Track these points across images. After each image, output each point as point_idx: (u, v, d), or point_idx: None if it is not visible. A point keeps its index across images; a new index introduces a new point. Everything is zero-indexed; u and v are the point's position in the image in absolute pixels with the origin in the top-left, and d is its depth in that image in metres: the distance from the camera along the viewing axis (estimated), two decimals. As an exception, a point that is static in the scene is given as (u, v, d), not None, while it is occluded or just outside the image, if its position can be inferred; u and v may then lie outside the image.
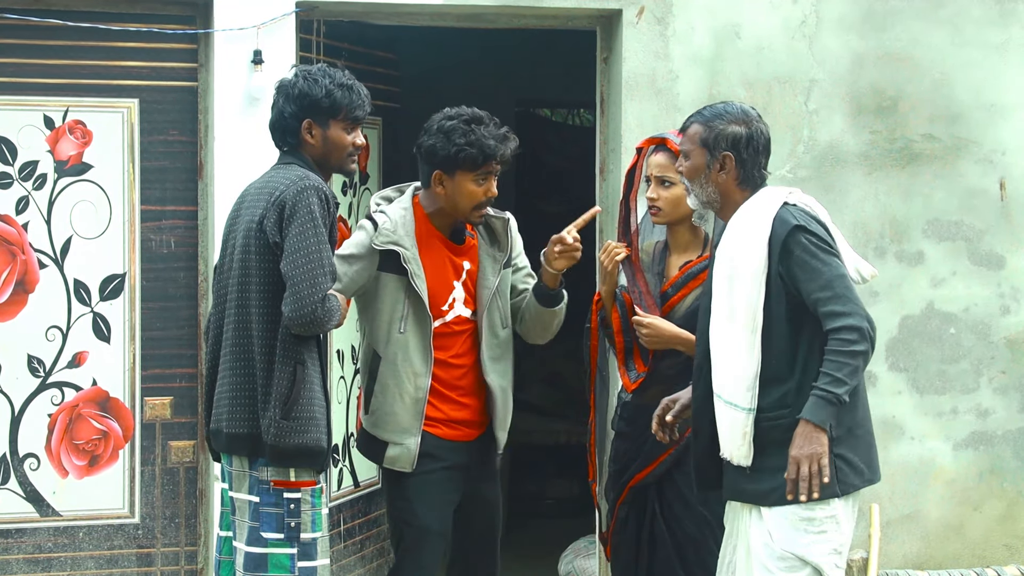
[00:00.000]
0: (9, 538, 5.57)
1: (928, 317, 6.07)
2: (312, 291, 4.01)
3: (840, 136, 5.98)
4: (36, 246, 5.55)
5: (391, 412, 4.50)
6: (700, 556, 4.51)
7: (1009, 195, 6.11)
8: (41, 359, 5.57)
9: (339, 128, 4.23)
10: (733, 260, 3.97)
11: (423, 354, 4.49)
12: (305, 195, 4.05)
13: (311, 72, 4.25)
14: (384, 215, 4.49)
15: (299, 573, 4.09)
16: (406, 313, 4.47)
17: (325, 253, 4.05)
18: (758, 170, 4.08)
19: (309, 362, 4.09)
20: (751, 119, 4.09)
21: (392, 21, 5.90)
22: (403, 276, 4.46)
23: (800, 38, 5.94)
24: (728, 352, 3.97)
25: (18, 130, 5.52)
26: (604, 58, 5.99)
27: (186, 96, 5.66)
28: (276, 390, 4.05)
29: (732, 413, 3.95)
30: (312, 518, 4.10)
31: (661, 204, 4.53)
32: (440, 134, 4.47)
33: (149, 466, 5.67)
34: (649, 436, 4.53)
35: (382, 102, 6.46)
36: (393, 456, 4.52)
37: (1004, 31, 6.10)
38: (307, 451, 4.08)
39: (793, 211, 3.96)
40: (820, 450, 3.81)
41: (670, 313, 4.56)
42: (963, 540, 6.11)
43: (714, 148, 4.06)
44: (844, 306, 3.83)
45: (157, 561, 5.70)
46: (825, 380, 3.81)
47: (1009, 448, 6.14)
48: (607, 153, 5.96)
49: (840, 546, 3.93)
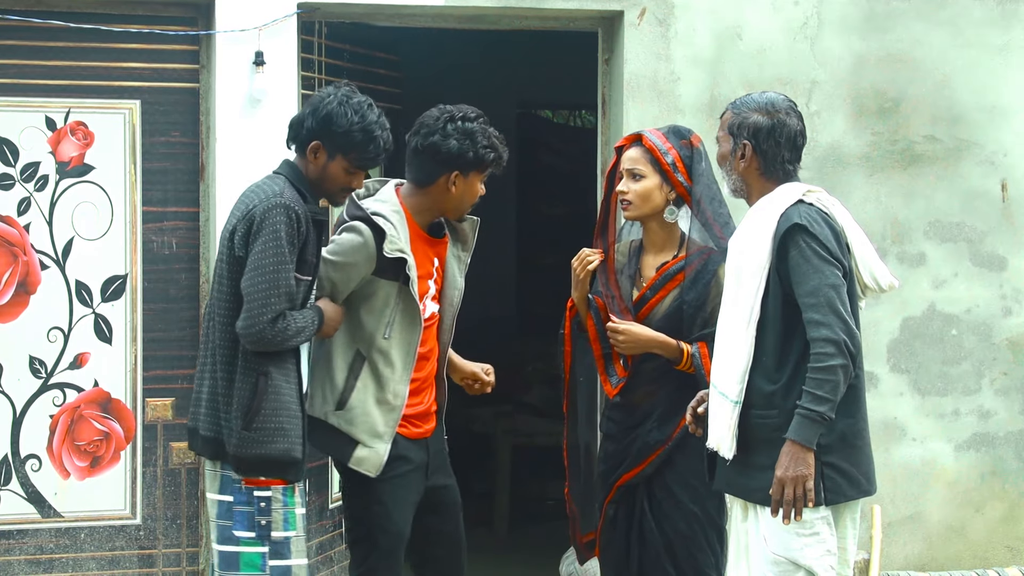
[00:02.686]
0: (11, 539, 5.57)
1: (930, 318, 6.07)
2: (262, 311, 4.01)
3: (841, 137, 5.98)
4: (38, 247, 5.55)
5: (367, 412, 4.41)
6: (690, 552, 4.50)
7: (1011, 196, 6.11)
8: (43, 360, 5.57)
9: (342, 166, 4.20)
10: (741, 253, 3.97)
11: (405, 360, 4.44)
12: (273, 213, 4.04)
13: (349, 100, 4.20)
14: (387, 221, 4.38)
15: (271, 572, 4.09)
16: (392, 319, 4.41)
17: (283, 274, 4.03)
18: (781, 162, 4.04)
19: (276, 372, 4.08)
20: (777, 110, 4.04)
21: (394, 22, 5.90)
22: (395, 282, 4.39)
23: (801, 39, 5.94)
24: (726, 343, 3.97)
25: (20, 131, 5.52)
26: (605, 59, 6.00)
27: (188, 97, 5.66)
28: (237, 400, 4.07)
29: (722, 403, 3.95)
30: (284, 516, 4.10)
31: (631, 197, 4.51)
32: (462, 136, 4.42)
33: (151, 467, 5.67)
34: (638, 436, 4.53)
35: (383, 103, 6.45)
36: (361, 457, 4.41)
37: (1005, 32, 6.10)
38: (272, 461, 4.08)
39: (803, 210, 3.92)
40: (806, 472, 3.79)
41: (648, 316, 4.52)
42: (965, 541, 6.11)
43: (737, 136, 4.05)
44: (824, 316, 3.79)
45: (159, 562, 5.70)
46: (807, 399, 3.79)
47: (1011, 449, 6.14)
48: (608, 155, 5.96)
49: (834, 547, 3.92)
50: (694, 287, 4.46)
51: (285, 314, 4.05)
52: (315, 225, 4.16)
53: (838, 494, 3.88)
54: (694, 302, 4.46)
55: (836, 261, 3.88)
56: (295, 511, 4.12)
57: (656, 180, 4.50)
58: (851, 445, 3.91)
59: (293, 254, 4.05)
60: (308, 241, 4.11)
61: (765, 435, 3.90)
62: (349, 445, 4.42)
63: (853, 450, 3.91)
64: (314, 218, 4.15)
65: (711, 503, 4.50)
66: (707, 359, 4.37)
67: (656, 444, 4.50)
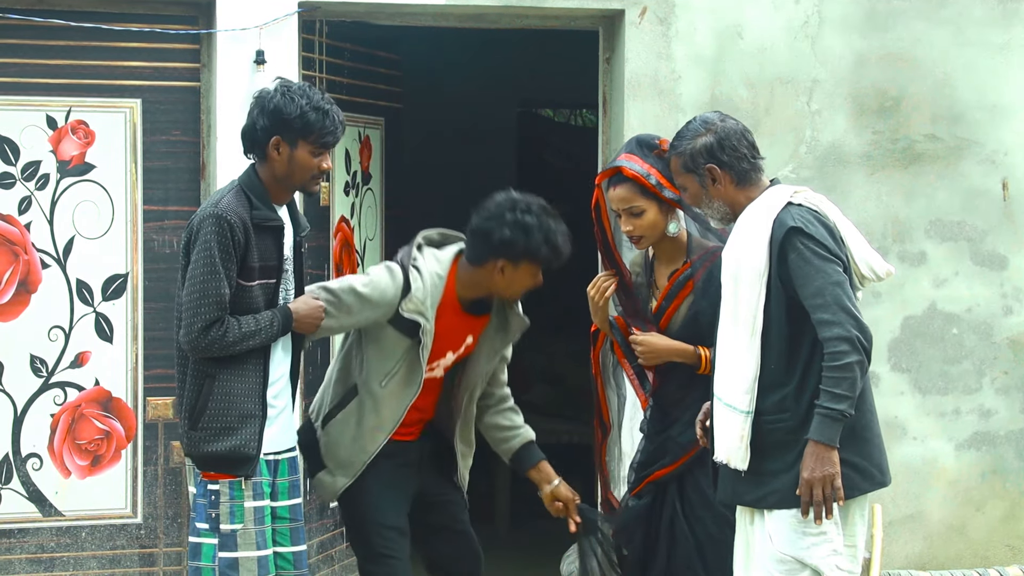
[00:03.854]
0: (12, 538, 5.57)
1: (930, 317, 6.07)
2: (193, 321, 4.11)
3: (842, 136, 5.98)
4: (39, 246, 5.55)
5: (340, 444, 4.50)
6: (720, 555, 4.50)
7: (1011, 195, 6.11)
8: (44, 359, 5.57)
9: (307, 150, 4.20)
10: (737, 262, 3.95)
11: (394, 415, 4.47)
12: (206, 224, 4.10)
13: (290, 88, 4.23)
14: (419, 278, 4.36)
15: (218, 563, 4.18)
16: (395, 371, 4.43)
17: (211, 284, 4.09)
18: (747, 163, 4.04)
19: (225, 374, 4.16)
20: (713, 124, 4.05)
21: (395, 21, 5.90)
22: (408, 339, 4.40)
23: (802, 38, 5.94)
24: (729, 354, 3.95)
25: (21, 130, 5.52)
26: (606, 58, 5.99)
27: (188, 96, 5.67)
28: (186, 402, 4.21)
29: (730, 416, 3.94)
30: (231, 510, 4.18)
31: (640, 233, 4.48)
32: (517, 228, 4.38)
33: (151, 466, 5.67)
34: (670, 437, 4.55)
35: (384, 102, 6.47)
36: (321, 481, 4.54)
37: (1006, 31, 6.10)
38: (220, 458, 4.17)
39: (795, 212, 3.92)
40: (832, 471, 3.80)
41: (668, 326, 4.53)
42: (965, 540, 6.11)
43: (695, 168, 4.04)
44: (834, 315, 3.79)
45: (159, 561, 5.71)
46: (825, 397, 3.79)
47: (1011, 448, 6.14)
48: (609, 153, 5.96)
49: (840, 547, 3.92)
50: (707, 293, 4.46)
51: (223, 320, 4.10)
52: (266, 231, 4.18)
53: (852, 488, 3.87)
54: (708, 309, 4.46)
55: (836, 258, 3.88)
56: (243, 504, 4.19)
57: (654, 207, 4.47)
58: (860, 438, 3.91)
59: (228, 262, 4.09)
60: (251, 248, 4.13)
61: (776, 439, 3.90)
62: (318, 464, 4.56)
63: (863, 443, 3.92)
64: (263, 224, 4.16)
65: None
66: None
67: (689, 446, 4.50)
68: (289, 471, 4.36)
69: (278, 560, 4.30)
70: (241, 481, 4.18)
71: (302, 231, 4.37)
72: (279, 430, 4.30)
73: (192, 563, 4.24)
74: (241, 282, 4.13)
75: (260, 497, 4.22)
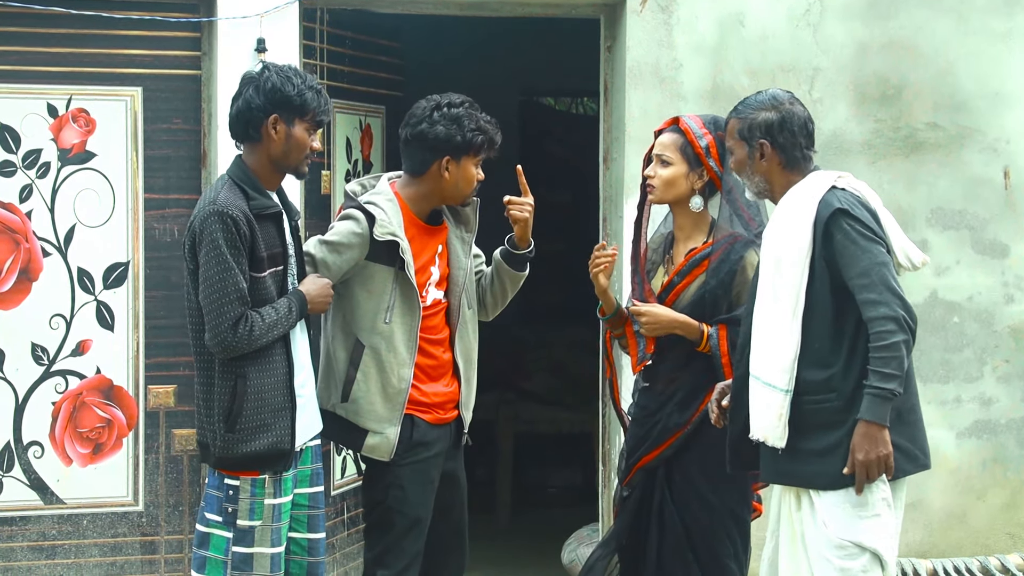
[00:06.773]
0: (13, 526, 5.58)
1: (932, 306, 6.07)
2: (219, 321, 4.08)
3: (844, 125, 5.97)
4: (40, 234, 5.55)
5: (371, 402, 4.50)
6: (708, 542, 4.52)
7: (1013, 184, 6.11)
8: (45, 347, 5.58)
9: (303, 128, 4.23)
10: (780, 243, 3.99)
11: (408, 344, 4.50)
12: (208, 223, 4.09)
13: (282, 69, 4.25)
14: (378, 208, 4.47)
15: (232, 557, 4.18)
16: (392, 304, 4.47)
17: (229, 280, 4.08)
18: (800, 151, 4.09)
19: (254, 371, 4.14)
20: (782, 103, 4.10)
21: (396, 9, 5.89)
22: (391, 267, 4.46)
23: (804, 26, 5.93)
24: (769, 333, 3.98)
25: (22, 118, 5.52)
26: (608, 47, 5.99)
27: (189, 84, 5.66)
28: (218, 405, 4.16)
29: (769, 394, 3.96)
30: (251, 507, 4.17)
31: (655, 182, 4.55)
32: (449, 121, 4.48)
33: (153, 454, 5.68)
34: (659, 420, 4.56)
35: (385, 91, 6.46)
36: (372, 444, 4.51)
37: (1009, 19, 6.09)
38: (257, 457, 4.16)
39: (839, 195, 3.96)
40: (885, 451, 3.83)
41: (676, 302, 4.56)
42: (966, 529, 6.11)
43: (750, 138, 4.09)
44: (880, 295, 3.83)
45: (161, 549, 5.71)
46: (875, 377, 3.81)
47: (1012, 437, 6.14)
48: (611, 142, 5.96)
49: (894, 531, 3.94)
50: (717, 273, 4.49)
51: (247, 316, 4.10)
52: (267, 219, 4.19)
53: (898, 471, 3.90)
54: (717, 288, 4.48)
55: (879, 239, 3.93)
56: (263, 501, 4.19)
57: (683, 168, 4.52)
58: (905, 421, 3.94)
59: (239, 257, 4.09)
60: (256, 238, 4.14)
61: (823, 419, 3.92)
62: (359, 434, 4.52)
63: (908, 426, 3.95)
64: (263, 213, 4.17)
65: (730, 493, 4.52)
66: (724, 341, 4.43)
67: (676, 427, 4.53)
68: (312, 459, 4.37)
69: (291, 546, 4.31)
70: (264, 479, 4.18)
71: (295, 216, 4.39)
72: (308, 419, 4.32)
73: (198, 551, 4.23)
74: (253, 274, 4.13)
75: (282, 493, 4.22)
